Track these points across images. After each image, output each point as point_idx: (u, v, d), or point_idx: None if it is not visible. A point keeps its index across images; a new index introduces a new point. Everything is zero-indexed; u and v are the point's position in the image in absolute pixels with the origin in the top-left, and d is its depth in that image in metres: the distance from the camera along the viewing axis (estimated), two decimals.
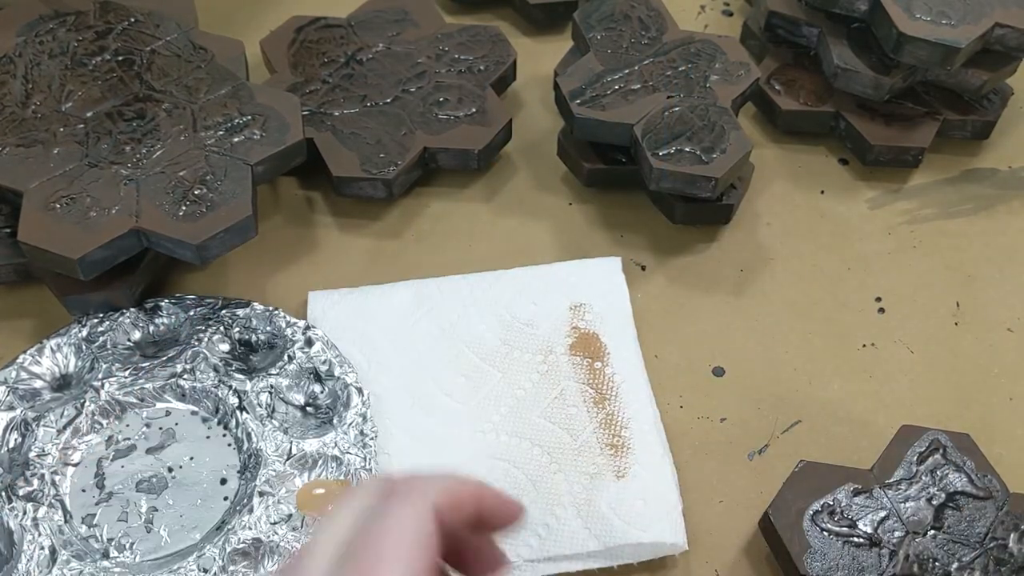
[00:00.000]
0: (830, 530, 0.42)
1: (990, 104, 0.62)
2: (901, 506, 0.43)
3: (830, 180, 0.61)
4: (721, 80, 0.57)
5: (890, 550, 0.41)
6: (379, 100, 0.58)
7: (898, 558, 0.41)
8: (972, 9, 0.56)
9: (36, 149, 0.50)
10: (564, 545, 0.44)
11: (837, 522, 0.42)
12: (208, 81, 0.54)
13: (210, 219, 0.48)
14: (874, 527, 0.42)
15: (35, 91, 0.53)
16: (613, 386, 0.49)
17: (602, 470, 0.46)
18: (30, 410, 0.47)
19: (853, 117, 0.60)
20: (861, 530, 0.42)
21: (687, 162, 0.53)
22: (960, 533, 0.42)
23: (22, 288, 0.53)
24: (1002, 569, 0.40)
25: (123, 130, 0.51)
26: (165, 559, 0.44)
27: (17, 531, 0.44)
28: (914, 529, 0.42)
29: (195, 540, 0.44)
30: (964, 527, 0.42)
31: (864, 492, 0.43)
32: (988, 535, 0.41)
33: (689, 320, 0.54)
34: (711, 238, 0.57)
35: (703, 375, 0.52)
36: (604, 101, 0.55)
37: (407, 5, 0.63)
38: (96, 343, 0.49)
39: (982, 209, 0.60)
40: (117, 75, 0.54)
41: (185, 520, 0.45)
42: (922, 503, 0.43)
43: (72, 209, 0.48)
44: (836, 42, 0.59)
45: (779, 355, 0.52)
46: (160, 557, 0.44)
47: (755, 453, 0.49)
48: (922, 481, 0.43)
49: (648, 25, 0.59)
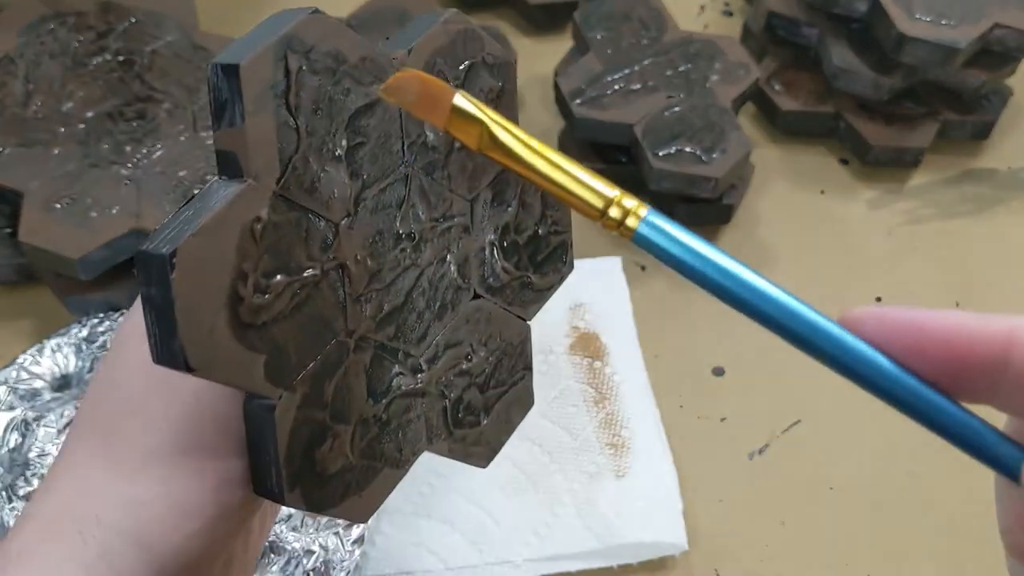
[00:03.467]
0: None
1: (990, 104, 0.62)
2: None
3: (830, 180, 0.61)
4: (721, 80, 0.57)
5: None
6: None
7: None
8: (972, 9, 0.56)
9: (37, 149, 0.50)
10: (564, 544, 0.44)
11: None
12: None
13: None
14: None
15: (36, 91, 0.53)
16: (613, 386, 0.49)
17: (602, 469, 0.46)
18: (30, 410, 0.47)
19: (853, 117, 0.60)
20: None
21: (687, 162, 0.53)
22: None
23: (22, 288, 0.53)
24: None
25: (123, 130, 0.51)
26: None
27: None
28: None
29: None
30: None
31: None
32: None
33: (689, 320, 0.54)
34: (711, 238, 0.57)
35: (703, 375, 0.52)
36: (604, 101, 0.55)
37: (407, 5, 0.63)
38: (96, 343, 0.49)
39: (982, 209, 0.60)
40: (117, 75, 0.54)
41: None
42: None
43: (72, 209, 0.48)
44: (836, 42, 0.59)
45: (779, 355, 0.52)
46: None
47: (755, 453, 0.49)
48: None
49: (648, 25, 0.59)
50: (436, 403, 0.32)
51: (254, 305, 0.26)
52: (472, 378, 0.34)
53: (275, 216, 0.26)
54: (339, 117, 0.27)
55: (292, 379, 0.27)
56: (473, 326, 0.34)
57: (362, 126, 0.28)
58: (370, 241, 0.29)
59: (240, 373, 0.26)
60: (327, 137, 0.27)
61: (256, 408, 0.27)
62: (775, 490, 0.48)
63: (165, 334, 0.24)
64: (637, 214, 0.20)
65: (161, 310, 0.24)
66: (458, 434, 0.33)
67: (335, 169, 0.27)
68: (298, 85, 0.26)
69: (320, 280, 0.27)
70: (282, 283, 0.26)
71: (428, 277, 0.31)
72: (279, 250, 0.26)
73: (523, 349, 0.36)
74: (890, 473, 0.48)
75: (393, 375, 0.30)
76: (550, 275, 0.37)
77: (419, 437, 0.32)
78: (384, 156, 0.29)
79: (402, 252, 0.30)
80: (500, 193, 0.34)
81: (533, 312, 0.36)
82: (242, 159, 0.25)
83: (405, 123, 0.30)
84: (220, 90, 0.25)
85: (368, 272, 0.29)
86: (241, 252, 0.25)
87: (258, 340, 0.26)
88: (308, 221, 0.27)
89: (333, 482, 0.29)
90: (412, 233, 0.30)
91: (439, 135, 0.31)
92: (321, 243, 0.27)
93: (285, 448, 0.27)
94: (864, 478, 0.48)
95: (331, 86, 0.27)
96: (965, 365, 0.19)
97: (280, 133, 0.26)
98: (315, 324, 0.28)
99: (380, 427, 0.30)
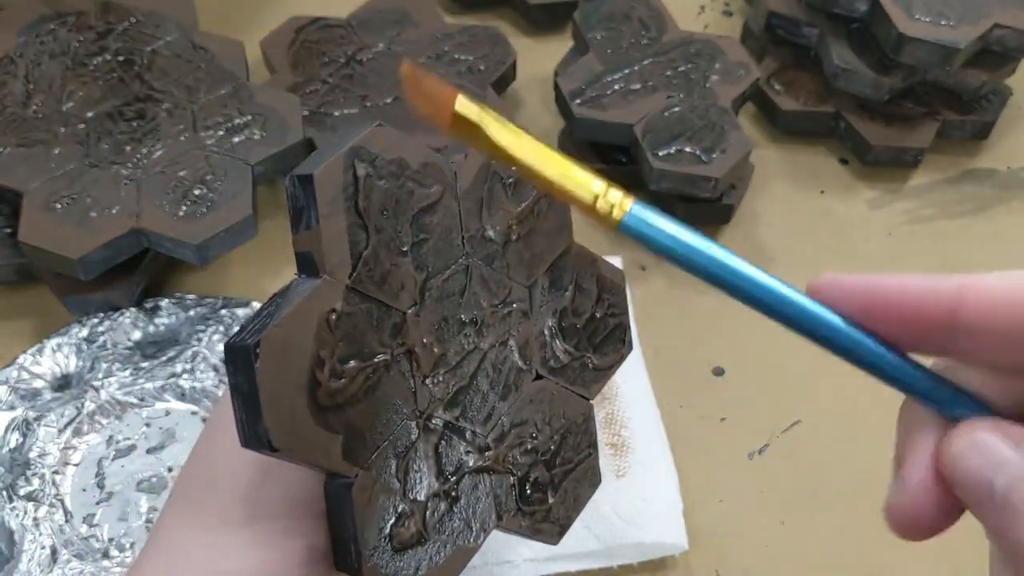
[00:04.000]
0: None
1: (989, 104, 0.62)
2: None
3: (830, 180, 0.61)
4: (721, 80, 0.57)
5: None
6: (379, 100, 0.58)
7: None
8: (972, 10, 0.56)
9: (37, 149, 0.50)
10: (564, 544, 0.44)
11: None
12: (208, 81, 0.54)
13: (210, 219, 0.48)
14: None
15: (36, 91, 0.53)
16: (613, 386, 0.49)
17: (602, 469, 0.46)
18: (31, 410, 0.47)
19: (853, 117, 0.60)
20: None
21: (687, 162, 0.53)
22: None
23: (22, 288, 0.53)
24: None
25: (123, 130, 0.51)
26: None
27: (18, 531, 0.44)
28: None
29: None
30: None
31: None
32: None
33: (689, 320, 0.54)
34: (711, 238, 0.57)
35: (703, 375, 0.52)
36: (604, 101, 0.55)
37: (407, 5, 0.63)
38: (96, 343, 0.50)
39: (981, 209, 0.60)
40: (117, 75, 0.54)
41: None
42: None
43: (72, 209, 0.48)
44: (836, 42, 0.59)
45: (779, 355, 0.52)
46: None
47: (755, 453, 0.49)
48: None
49: (648, 25, 0.59)
50: (504, 480, 0.34)
51: (331, 389, 0.28)
52: (538, 456, 0.35)
53: (348, 307, 0.28)
54: (404, 216, 0.30)
55: (367, 458, 0.29)
56: (537, 406, 0.35)
57: (425, 223, 0.31)
58: (436, 327, 0.31)
59: (320, 453, 0.28)
60: (394, 234, 0.30)
61: (335, 487, 0.29)
62: (775, 490, 0.48)
63: (251, 419, 0.26)
64: (622, 207, 0.21)
65: (247, 397, 0.26)
66: (527, 511, 0.35)
67: (402, 263, 0.30)
68: (366, 189, 0.29)
69: (390, 364, 0.30)
70: (356, 368, 0.29)
71: (491, 360, 0.33)
72: (353, 338, 0.28)
73: (587, 427, 0.38)
74: (890, 473, 0.48)
75: (462, 453, 0.32)
76: (610, 355, 0.38)
77: (489, 514, 0.33)
78: (446, 249, 0.32)
79: (466, 337, 0.32)
80: (557, 279, 0.36)
81: (596, 391, 0.38)
82: (317, 257, 0.28)
83: (464, 219, 0.32)
84: (297, 198, 0.28)
85: (435, 356, 0.31)
86: (318, 341, 0.27)
87: (335, 422, 0.28)
88: (379, 311, 0.29)
89: (408, 556, 0.30)
90: (475, 319, 0.33)
91: (496, 229, 0.33)
92: (391, 330, 0.30)
93: (362, 523, 0.29)
94: (864, 478, 0.48)
95: (396, 189, 0.30)
96: (919, 323, 0.21)
97: (351, 232, 0.28)
98: (387, 406, 0.30)
99: (450, 503, 0.32)
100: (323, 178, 0.28)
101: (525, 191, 0.34)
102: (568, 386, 0.36)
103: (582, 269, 0.37)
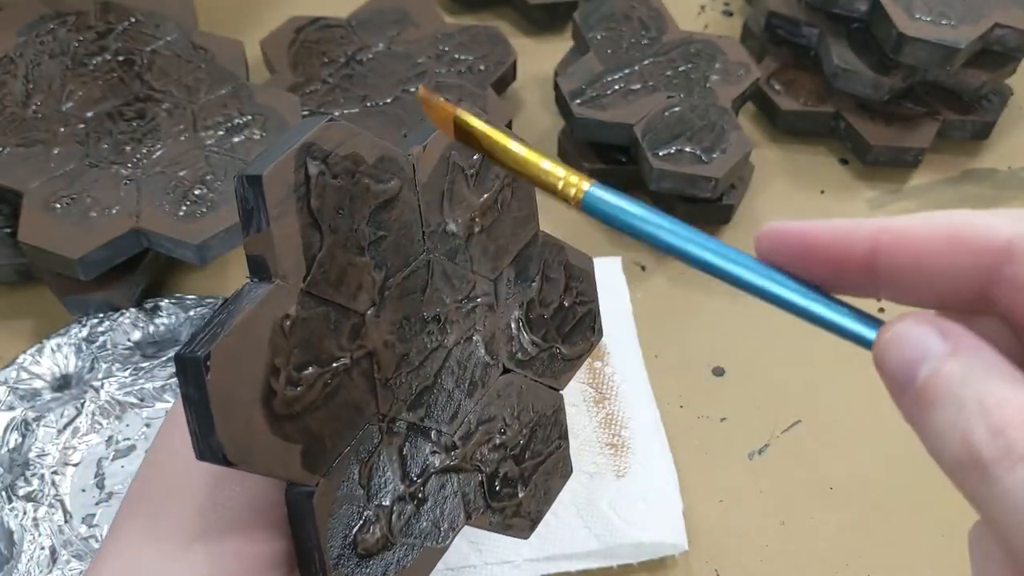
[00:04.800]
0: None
1: (990, 104, 0.62)
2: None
3: (830, 180, 0.61)
4: (721, 80, 0.57)
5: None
6: (379, 100, 0.58)
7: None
8: (972, 9, 0.56)
9: (36, 149, 0.50)
10: (564, 544, 0.44)
11: None
12: (208, 81, 0.54)
13: (210, 219, 0.48)
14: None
15: (35, 91, 0.53)
16: (613, 386, 0.49)
17: (602, 469, 0.46)
18: (30, 410, 0.47)
19: (853, 117, 0.60)
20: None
21: (687, 162, 0.53)
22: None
23: (22, 288, 0.53)
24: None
25: (123, 130, 0.51)
26: None
27: (17, 531, 0.44)
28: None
29: None
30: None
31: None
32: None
33: (689, 320, 0.54)
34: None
35: (703, 375, 0.52)
36: (604, 101, 0.55)
37: (407, 5, 0.63)
38: (96, 343, 0.49)
39: (981, 209, 0.60)
40: (117, 75, 0.54)
41: None
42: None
43: (72, 209, 0.48)
44: (836, 42, 0.59)
45: (779, 355, 0.52)
46: None
47: (755, 453, 0.49)
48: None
49: (648, 25, 0.59)
50: (472, 478, 0.33)
51: (288, 398, 0.27)
52: (507, 451, 0.35)
53: (304, 312, 0.27)
54: (360, 213, 0.29)
55: (328, 465, 0.28)
56: (504, 400, 0.35)
57: (383, 220, 0.30)
58: (397, 327, 0.30)
59: (278, 464, 0.27)
60: (350, 233, 0.28)
61: (296, 495, 0.28)
62: (775, 490, 0.48)
63: (204, 431, 0.25)
64: (581, 187, 0.22)
65: (199, 409, 0.25)
66: (496, 507, 0.34)
67: (359, 262, 0.29)
68: (319, 187, 0.27)
69: (350, 368, 0.29)
70: (313, 375, 0.27)
71: (456, 357, 0.32)
72: (309, 343, 0.27)
73: (557, 418, 0.37)
74: (890, 473, 0.48)
75: (427, 454, 0.32)
76: (579, 344, 0.38)
77: (457, 513, 0.33)
78: (406, 245, 0.30)
79: (429, 335, 0.31)
80: (523, 270, 0.35)
81: (565, 381, 0.37)
82: (269, 261, 0.27)
83: (424, 213, 0.31)
84: (247, 199, 0.27)
85: (397, 356, 0.30)
86: (273, 348, 0.26)
87: (293, 431, 0.27)
88: (336, 313, 0.28)
89: (374, 562, 0.30)
90: (438, 316, 0.32)
91: (459, 222, 0.32)
92: (349, 333, 0.29)
93: (326, 532, 0.28)
94: (864, 478, 0.48)
95: (351, 186, 0.28)
96: (842, 264, 0.22)
97: (304, 234, 0.27)
98: (348, 410, 0.29)
99: (417, 505, 0.31)
100: (272, 178, 0.26)
101: (487, 181, 0.33)
102: (537, 378, 0.36)
103: (549, 258, 0.36)
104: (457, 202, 0.32)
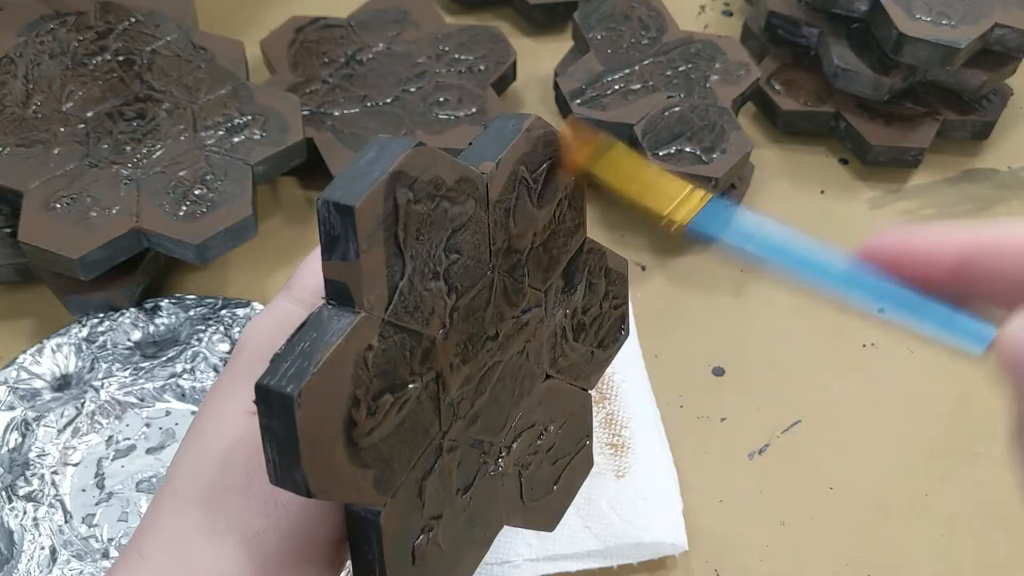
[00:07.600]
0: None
1: (990, 104, 0.62)
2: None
3: (830, 180, 0.61)
4: (721, 80, 0.57)
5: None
6: (379, 100, 0.58)
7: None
8: (972, 9, 0.56)
9: (36, 149, 0.50)
10: (564, 544, 0.44)
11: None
12: (208, 81, 0.54)
13: (210, 219, 0.48)
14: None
15: (35, 91, 0.53)
16: (613, 386, 0.49)
17: (602, 469, 0.46)
18: (30, 410, 0.47)
19: (853, 117, 0.60)
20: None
21: (687, 162, 0.53)
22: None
23: (22, 288, 0.53)
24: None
25: (123, 130, 0.51)
26: None
27: (17, 531, 0.44)
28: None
29: None
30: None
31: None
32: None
33: (689, 320, 0.54)
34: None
35: (703, 375, 0.52)
36: (604, 101, 0.55)
37: (407, 5, 0.63)
38: (96, 343, 0.49)
39: (982, 209, 0.60)
40: (117, 75, 0.54)
41: None
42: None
43: (72, 209, 0.48)
44: (836, 42, 0.59)
45: (779, 355, 0.52)
46: None
47: (755, 453, 0.49)
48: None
49: (648, 25, 0.59)
50: (514, 482, 0.34)
51: (366, 427, 0.27)
52: (545, 453, 0.35)
53: (383, 342, 0.27)
54: (437, 238, 0.28)
55: (396, 486, 0.28)
56: (545, 406, 0.35)
57: (457, 243, 0.29)
58: (462, 348, 0.30)
59: (353, 491, 0.27)
60: (428, 259, 0.28)
61: (360, 512, 0.28)
62: (775, 490, 0.48)
63: (287, 464, 0.25)
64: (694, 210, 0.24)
65: (284, 443, 0.25)
66: (532, 506, 0.35)
67: (434, 287, 0.28)
68: (406, 217, 0.27)
69: (420, 392, 0.29)
70: (388, 401, 0.27)
71: (510, 370, 0.32)
72: (386, 371, 0.27)
73: (584, 418, 0.37)
74: (890, 473, 0.48)
75: (479, 464, 0.32)
76: (611, 346, 0.38)
77: (498, 515, 0.33)
78: (474, 266, 0.30)
79: (488, 353, 0.31)
80: (570, 279, 0.35)
81: (595, 381, 0.37)
82: (355, 291, 0.26)
83: (492, 231, 0.31)
84: (333, 225, 0.26)
85: (460, 377, 0.30)
86: (355, 380, 0.26)
87: (368, 458, 0.27)
88: (411, 339, 0.28)
89: (427, 570, 0.30)
90: (497, 332, 0.32)
91: (521, 238, 0.32)
92: (421, 357, 0.28)
93: (391, 551, 0.28)
94: (864, 478, 0.48)
95: (432, 211, 0.28)
96: (938, 269, 0.23)
97: (389, 263, 0.27)
98: (415, 433, 0.29)
99: (469, 515, 0.32)
100: (364, 210, 0.25)
101: (549, 194, 0.32)
102: (572, 382, 0.36)
103: (592, 264, 0.36)
104: (521, 217, 0.32)
